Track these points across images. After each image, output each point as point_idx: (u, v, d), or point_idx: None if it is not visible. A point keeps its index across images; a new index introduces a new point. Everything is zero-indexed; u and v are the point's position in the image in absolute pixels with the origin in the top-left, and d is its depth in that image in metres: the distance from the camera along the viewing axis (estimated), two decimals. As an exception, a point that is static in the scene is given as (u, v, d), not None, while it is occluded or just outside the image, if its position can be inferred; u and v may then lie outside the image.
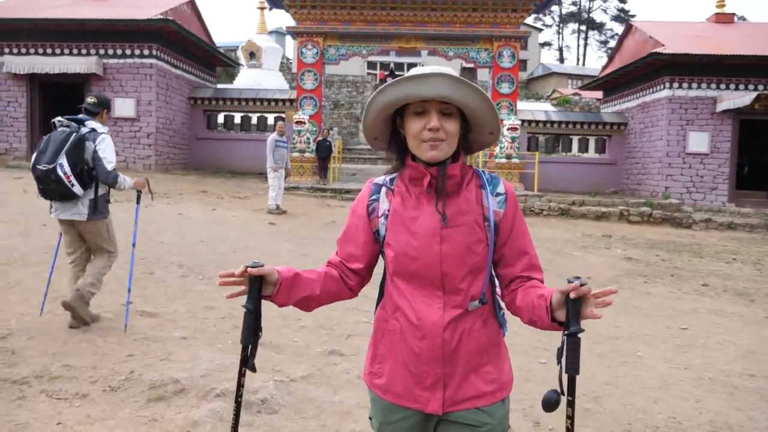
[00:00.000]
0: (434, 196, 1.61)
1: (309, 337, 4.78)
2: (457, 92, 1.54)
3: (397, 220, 1.64)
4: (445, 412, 1.62)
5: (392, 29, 17.83)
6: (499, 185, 1.68)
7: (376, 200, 1.70)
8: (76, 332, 4.42)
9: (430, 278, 1.60)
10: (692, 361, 4.89)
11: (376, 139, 1.73)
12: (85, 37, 17.15)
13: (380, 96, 1.59)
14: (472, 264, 1.60)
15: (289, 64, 39.36)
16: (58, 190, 4.41)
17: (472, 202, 1.64)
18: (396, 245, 1.63)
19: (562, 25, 66.40)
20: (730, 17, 20.78)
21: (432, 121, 1.55)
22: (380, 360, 1.71)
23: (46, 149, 4.42)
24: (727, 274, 9.07)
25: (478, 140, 1.71)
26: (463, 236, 1.59)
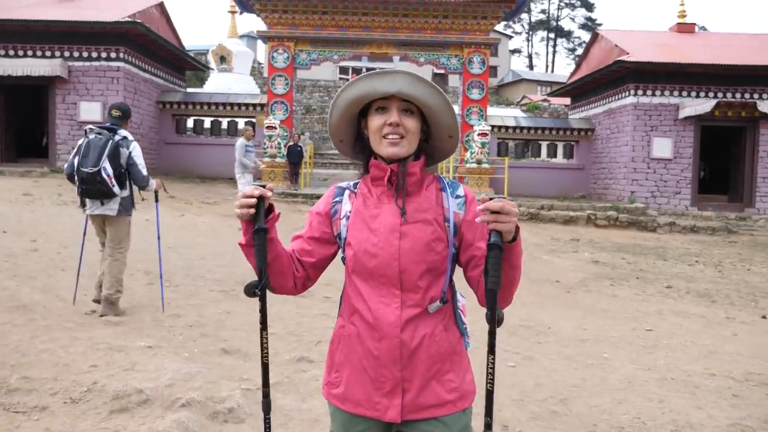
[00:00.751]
0: (394, 193, 1.63)
1: (278, 344, 4.73)
2: (418, 90, 1.58)
3: (358, 219, 1.65)
4: (404, 420, 1.58)
5: (364, 35, 17.86)
6: (458, 189, 1.70)
7: (338, 202, 1.72)
8: (38, 343, 4.31)
9: (388, 276, 1.59)
10: (656, 362, 4.98)
11: (342, 141, 1.76)
12: (50, 39, 16.78)
13: (344, 92, 1.64)
14: (431, 262, 1.60)
15: (261, 69, 39.13)
16: (101, 190, 5.00)
17: (432, 201, 1.65)
18: (356, 243, 1.63)
19: (532, 33, 67.37)
20: (691, 27, 21.34)
21: (392, 116, 1.60)
22: (337, 368, 1.68)
23: (88, 154, 4.97)
24: (690, 276, 9.29)
25: (439, 147, 1.74)
26: (422, 233, 1.60)
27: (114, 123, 5.37)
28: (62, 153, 16.95)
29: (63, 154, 16.95)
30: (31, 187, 12.58)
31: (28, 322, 4.77)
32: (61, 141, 16.99)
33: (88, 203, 5.19)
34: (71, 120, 16.93)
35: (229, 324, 5.21)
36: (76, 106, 16.90)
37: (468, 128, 17.85)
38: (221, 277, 7.10)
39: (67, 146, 16.94)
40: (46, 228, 8.81)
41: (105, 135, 5.13)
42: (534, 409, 3.83)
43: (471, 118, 18.00)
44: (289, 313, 5.71)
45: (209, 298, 6.12)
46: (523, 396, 4.03)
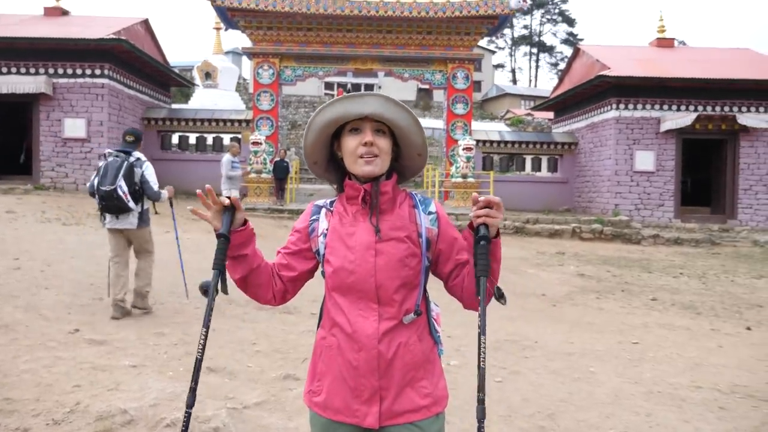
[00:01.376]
0: (369, 212, 1.73)
1: (264, 361, 4.70)
2: (389, 111, 1.70)
3: (335, 237, 1.74)
4: (382, 426, 1.67)
5: (348, 51, 17.97)
6: (430, 205, 1.81)
7: (316, 220, 1.81)
8: (20, 363, 4.25)
9: (366, 291, 1.68)
10: (643, 375, 5.01)
11: (316, 163, 1.84)
12: (35, 56, 16.68)
13: (320, 115, 1.74)
14: (405, 277, 1.69)
15: (246, 84, 39.18)
16: (118, 206, 5.74)
17: (406, 219, 1.75)
18: (334, 260, 1.71)
19: (515, 48, 68.12)
20: (670, 42, 21.71)
21: (366, 136, 1.70)
22: (319, 377, 1.76)
23: (106, 174, 5.72)
24: (675, 288, 9.37)
25: (409, 165, 1.84)
26: (396, 250, 1.69)
27: (128, 147, 6.09)
28: (46, 170, 16.81)
29: (47, 170, 16.81)
30: (14, 205, 12.44)
31: (9, 342, 4.70)
32: (45, 158, 16.84)
33: (107, 217, 5.90)
34: (55, 137, 16.80)
35: (215, 342, 5.16)
36: (60, 122, 16.78)
37: (453, 143, 17.96)
38: (207, 294, 7.04)
39: (51, 163, 16.80)
40: (29, 246, 8.70)
41: (121, 157, 5.89)
42: (521, 424, 3.83)
43: (456, 133, 18.13)
44: (275, 330, 5.68)
45: (194, 315, 6.07)
46: (511, 412, 4.03)
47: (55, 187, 16.61)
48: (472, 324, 6.23)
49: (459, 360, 5.08)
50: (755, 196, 17.99)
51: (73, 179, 16.82)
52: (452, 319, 5.93)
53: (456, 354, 5.24)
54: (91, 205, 13.37)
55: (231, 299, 6.86)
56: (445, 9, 16.97)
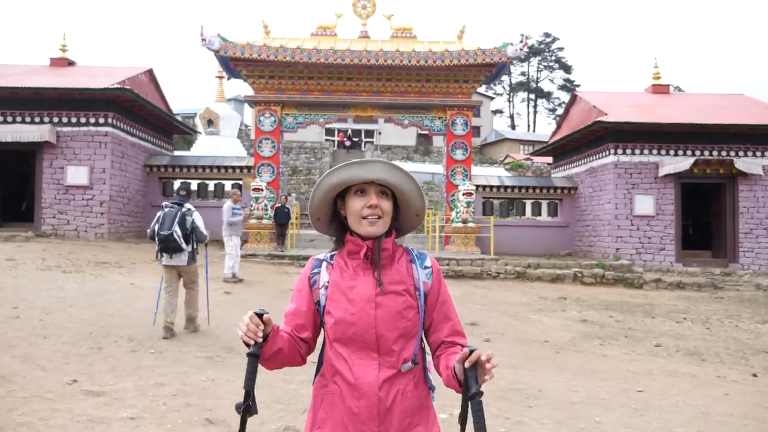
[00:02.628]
0: (370, 266, 1.82)
1: (264, 412, 4.62)
2: (393, 176, 1.82)
3: (336, 290, 1.82)
4: None
5: (349, 98, 18.29)
6: (426, 260, 1.91)
7: (317, 273, 1.88)
8: (16, 416, 4.18)
9: (366, 341, 1.75)
10: (649, 425, 4.92)
11: (319, 219, 1.94)
12: (40, 106, 16.99)
13: (328, 178, 1.85)
14: (404, 328, 1.78)
15: (248, 131, 39.71)
16: (173, 246, 7.17)
17: (404, 273, 1.85)
18: (335, 312, 1.79)
19: (513, 94, 69.39)
20: (665, 88, 22.12)
21: (371, 199, 1.81)
22: (319, 425, 1.81)
23: (165, 221, 7.17)
24: (679, 334, 9.28)
25: (407, 223, 1.95)
26: (395, 302, 1.78)
27: (181, 199, 7.57)
28: (47, 217, 16.88)
29: (48, 218, 16.88)
30: (14, 252, 12.45)
31: (6, 394, 4.64)
32: (47, 205, 16.94)
33: (164, 256, 7.30)
34: (58, 184, 16.95)
35: (214, 392, 5.10)
36: (63, 170, 16.95)
37: (453, 188, 18.09)
38: (205, 342, 6.99)
39: (52, 210, 16.89)
40: (28, 294, 8.67)
41: (175, 208, 7.33)
42: (527, 477, 3.74)
43: (455, 178, 18.27)
44: (275, 380, 5.60)
45: (194, 365, 6.01)
46: (516, 463, 3.95)
47: (56, 234, 16.65)
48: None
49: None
50: (756, 240, 18.00)
51: (75, 226, 16.88)
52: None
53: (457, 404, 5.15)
54: (92, 253, 13.39)
55: (231, 347, 6.81)
56: (444, 58, 17.34)
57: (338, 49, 17.29)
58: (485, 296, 11.92)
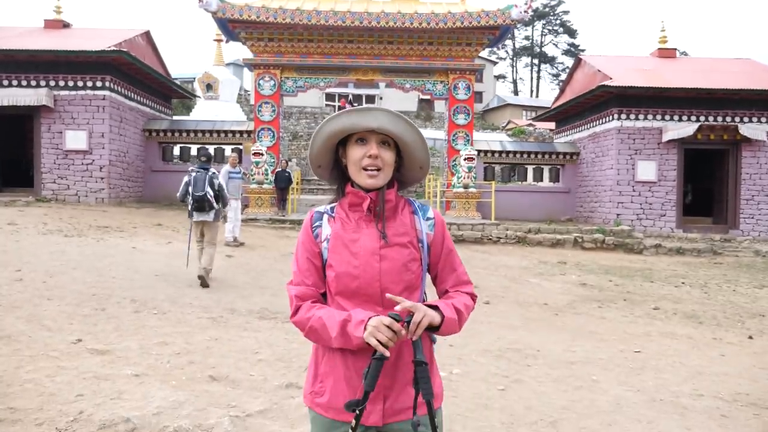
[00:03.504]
0: (373, 219, 1.78)
1: (267, 370, 4.70)
2: (396, 126, 1.74)
3: (338, 243, 1.77)
4: (385, 423, 1.73)
5: (349, 62, 18.06)
6: (428, 211, 1.88)
7: (319, 226, 1.84)
8: (23, 373, 4.25)
9: (370, 295, 1.72)
10: (645, 384, 5.00)
11: (320, 167, 1.89)
12: (36, 69, 16.80)
13: (328, 125, 1.78)
14: (408, 281, 1.76)
15: (247, 96, 39.35)
16: (205, 205, 8.18)
17: (407, 225, 1.82)
18: (338, 265, 1.75)
19: (516, 59, 68.48)
20: (672, 52, 21.81)
21: (372, 149, 1.75)
22: (321, 379, 1.79)
23: (197, 184, 8.17)
24: (677, 298, 9.35)
25: (410, 175, 1.90)
26: (400, 255, 1.76)
27: (205, 164, 8.45)
28: (47, 182, 16.86)
29: (48, 182, 16.87)
30: (16, 216, 12.47)
31: (12, 352, 4.71)
32: (47, 170, 16.91)
33: (195, 215, 8.27)
34: (57, 149, 16.88)
35: (217, 351, 5.17)
36: (61, 134, 16.86)
37: (454, 153, 18.01)
38: (208, 304, 7.05)
39: (52, 175, 16.86)
40: (31, 257, 8.72)
41: (203, 172, 8.29)
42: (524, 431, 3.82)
43: (457, 143, 18.18)
44: (277, 339, 5.68)
45: (197, 325, 6.07)
46: (513, 419, 4.02)
47: (56, 199, 16.66)
48: (472, 334, 6.24)
49: (460, 368, 5.08)
50: (757, 207, 17.98)
51: (75, 191, 16.88)
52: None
53: (458, 362, 5.24)
54: (93, 218, 13.42)
55: (233, 309, 6.88)
56: (447, 20, 17.06)
57: (338, 11, 17.00)
58: (486, 260, 11.98)
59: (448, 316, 1.72)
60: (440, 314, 1.70)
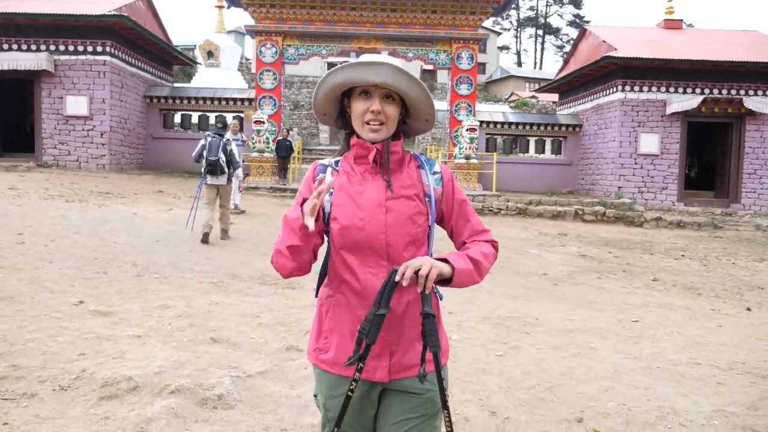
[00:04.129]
0: (379, 170, 1.75)
1: (267, 333, 4.74)
2: (400, 81, 1.70)
3: (344, 194, 1.74)
4: (391, 379, 1.71)
5: (352, 29, 17.84)
6: (434, 165, 1.86)
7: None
8: (25, 333, 4.29)
9: (375, 248, 1.69)
10: (642, 352, 5.04)
11: (325, 114, 1.85)
12: (36, 33, 16.61)
13: (331, 77, 1.74)
14: (414, 234, 1.73)
15: (249, 65, 38.94)
16: (218, 169, 8.75)
17: (414, 178, 1.80)
18: (343, 218, 1.72)
19: (520, 30, 67.51)
20: (678, 23, 21.49)
21: (375, 104, 1.71)
22: (326, 335, 1.77)
23: (212, 149, 8.73)
24: (676, 270, 9.38)
25: (415, 127, 1.86)
26: (406, 207, 1.73)
27: (220, 131, 9.10)
28: (48, 147, 16.80)
29: (49, 148, 16.80)
30: (17, 182, 12.46)
31: (15, 313, 4.74)
32: (48, 135, 16.83)
33: (208, 177, 8.83)
34: (57, 114, 16.78)
35: (218, 314, 5.21)
36: (62, 100, 16.74)
37: (456, 123, 17.90)
38: (209, 269, 7.08)
39: (53, 140, 16.79)
40: (33, 221, 8.73)
41: (218, 138, 8.88)
42: (522, 396, 3.87)
43: (459, 114, 18.05)
44: (278, 304, 5.72)
45: (198, 289, 6.11)
46: (511, 384, 4.07)
47: (57, 164, 16.62)
48: (472, 301, 6.28)
49: (460, 335, 5.12)
50: (759, 181, 17.93)
51: (76, 157, 16.83)
52: (454, 296, 5.97)
53: (457, 329, 5.28)
54: (94, 184, 13.40)
55: (234, 274, 6.92)
56: (450, -12, 16.79)
57: (342, -23, 16.73)
58: (486, 231, 11.99)
59: (459, 266, 1.67)
60: (450, 266, 1.66)
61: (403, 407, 1.73)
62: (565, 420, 3.54)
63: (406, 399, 1.73)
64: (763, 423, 3.63)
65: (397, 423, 1.73)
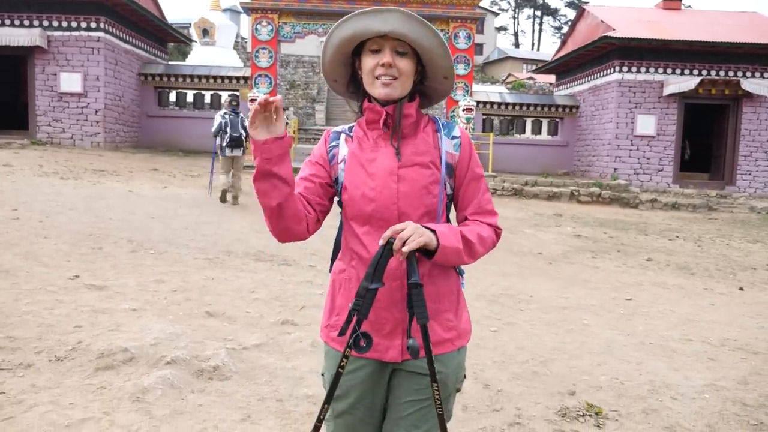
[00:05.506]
0: (390, 135, 1.62)
1: (262, 308, 4.76)
2: (411, 29, 1.56)
3: (355, 162, 1.64)
4: (404, 360, 1.61)
5: (348, 7, 17.63)
6: (454, 129, 1.71)
7: (335, 146, 1.70)
8: (21, 305, 4.29)
9: (387, 219, 1.58)
10: (635, 328, 5.09)
11: (336, 81, 1.73)
12: (29, 8, 16.39)
13: (337, 31, 1.61)
14: (429, 205, 1.61)
15: (244, 44, 38.59)
16: (238, 144, 10.06)
17: (430, 144, 1.65)
18: (353, 187, 1.62)
19: (518, 11, 67.05)
20: (677, 4, 21.36)
21: (385, 57, 1.57)
22: (338, 311, 1.68)
23: (233, 126, 10.02)
24: (670, 250, 9.43)
25: (435, 88, 1.72)
26: (420, 176, 1.60)
27: (235, 108, 10.27)
28: (42, 124, 16.67)
29: (43, 125, 16.67)
30: (11, 158, 12.37)
31: (10, 286, 4.74)
32: (41, 112, 16.69)
33: (228, 150, 9.99)
34: (51, 91, 16.63)
35: (213, 289, 5.22)
36: (56, 77, 16.58)
37: (453, 104, 17.82)
38: (205, 246, 7.08)
39: (47, 117, 16.66)
40: (27, 198, 8.69)
41: (234, 115, 10.12)
42: (515, 369, 3.91)
43: (456, 94, 17.95)
44: (273, 280, 5.73)
45: (193, 265, 6.11)
46: (505, 358, 4.10)
47: (51, 142, 16.51)
48: (467, 280, 6.29)
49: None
50: (755, 163, 17.97)
51: (70, 134, 16.71)
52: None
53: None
54: (88, 161, 13.33)
55: (230, 251, 6.92)
56: (448, -34, 16.61)
57: (338, -46, 16.52)
58: (482, 211, 12.00)
59: (445, 243, 1.53)
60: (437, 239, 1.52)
61: (413, 387, 1.63)
62: (558, 393, 3.58)
63: (416, 380, 1.63)
64: (752, 397, 3.68)
65: (406, 403, 1.64)
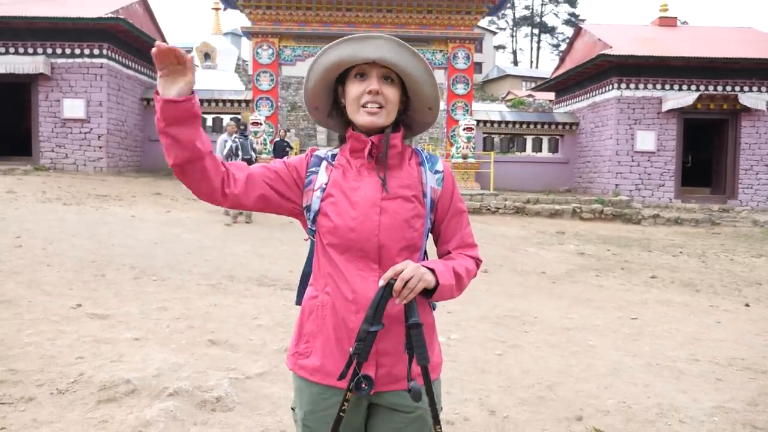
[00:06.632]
0: (375, 166, 1.59)
1: (265, 335, 4.73)
2: (398, 56, 1.54)
3: (337, 191, 1.59)
4: (377, 392, 1.56)
5: (348, 30, 17.80)
6: (437, 163, 1.69)
7: (314, 173, 1.65)
8: (23, 336, 4.28)
9: (366, 250, 1.55)
10: (641, 349, 5.04)
11: (317, 109, 1.69)
12: (33, 36, 16.58)
13: (323, 56, 1.58)
14: (410, 239, 1.58)
15: (245, 66, 38.92)
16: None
17: (414, 177, 1.63)
18: (335, 216, 1.57)
19: (516, 29, 67.56)
20: (673, 21, 21.54)
21: (372, 84, 1.55)
22: (307, 338, 1.61)
23: (245, 149, 11.31)
24: (674, 267, 9.39)
25: (419, 118, 1.70)
26: (402, 209, 1.58)
27: (244, 131, 11.63)
28: (46, 150, 16.77)
29: (47, 151, 16.77)
30: (14, 185, 12.43)
31: (13, 316, 4.73)
32: (45, 138, 16.80)
33: None
34: (54, 117, 16.76)
35: (216, 316, 5.20)
36: (59, 103, 16.72)
37: (453, 123, 17.90)
38: (208, 271, 7.07)
39: (50, 143, 16.76)
40: (30, 225, 8.72)
41: (244, 138, 11.44)
42: (521, 395, 3.87)
43: (456, 113, 18.05)
44: (276, 305, 5.71)
45: (196, 291, 6.10)
46: (510, 383, 4.06)
47: (55, 167, 16.59)
48: (470, 301, 6.27)
49: (459, 334, 5.12)
50: (756, 177, 17.97)
51: (73, 160, 16.79)
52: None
53: (456, 328, 5.28)
54: (91, 186, 13.38)
55: (232, 276, 6.91)
56: (446, -13, 16.80)
57: (337, -22, 16.73)
58: (484, 230, 11.99)
59: (444, 282, 1.53)
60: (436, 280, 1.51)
61: (390, 426, 1.59)
62: (565, 418, 3.54)
63: (393, 417, 1.58)
64: (762, 419, 3.63)
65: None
